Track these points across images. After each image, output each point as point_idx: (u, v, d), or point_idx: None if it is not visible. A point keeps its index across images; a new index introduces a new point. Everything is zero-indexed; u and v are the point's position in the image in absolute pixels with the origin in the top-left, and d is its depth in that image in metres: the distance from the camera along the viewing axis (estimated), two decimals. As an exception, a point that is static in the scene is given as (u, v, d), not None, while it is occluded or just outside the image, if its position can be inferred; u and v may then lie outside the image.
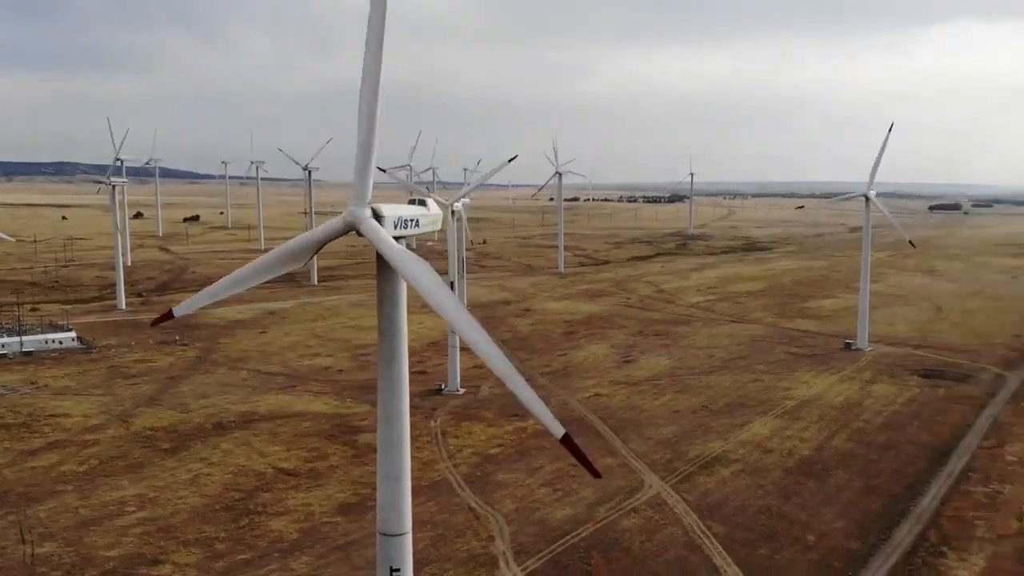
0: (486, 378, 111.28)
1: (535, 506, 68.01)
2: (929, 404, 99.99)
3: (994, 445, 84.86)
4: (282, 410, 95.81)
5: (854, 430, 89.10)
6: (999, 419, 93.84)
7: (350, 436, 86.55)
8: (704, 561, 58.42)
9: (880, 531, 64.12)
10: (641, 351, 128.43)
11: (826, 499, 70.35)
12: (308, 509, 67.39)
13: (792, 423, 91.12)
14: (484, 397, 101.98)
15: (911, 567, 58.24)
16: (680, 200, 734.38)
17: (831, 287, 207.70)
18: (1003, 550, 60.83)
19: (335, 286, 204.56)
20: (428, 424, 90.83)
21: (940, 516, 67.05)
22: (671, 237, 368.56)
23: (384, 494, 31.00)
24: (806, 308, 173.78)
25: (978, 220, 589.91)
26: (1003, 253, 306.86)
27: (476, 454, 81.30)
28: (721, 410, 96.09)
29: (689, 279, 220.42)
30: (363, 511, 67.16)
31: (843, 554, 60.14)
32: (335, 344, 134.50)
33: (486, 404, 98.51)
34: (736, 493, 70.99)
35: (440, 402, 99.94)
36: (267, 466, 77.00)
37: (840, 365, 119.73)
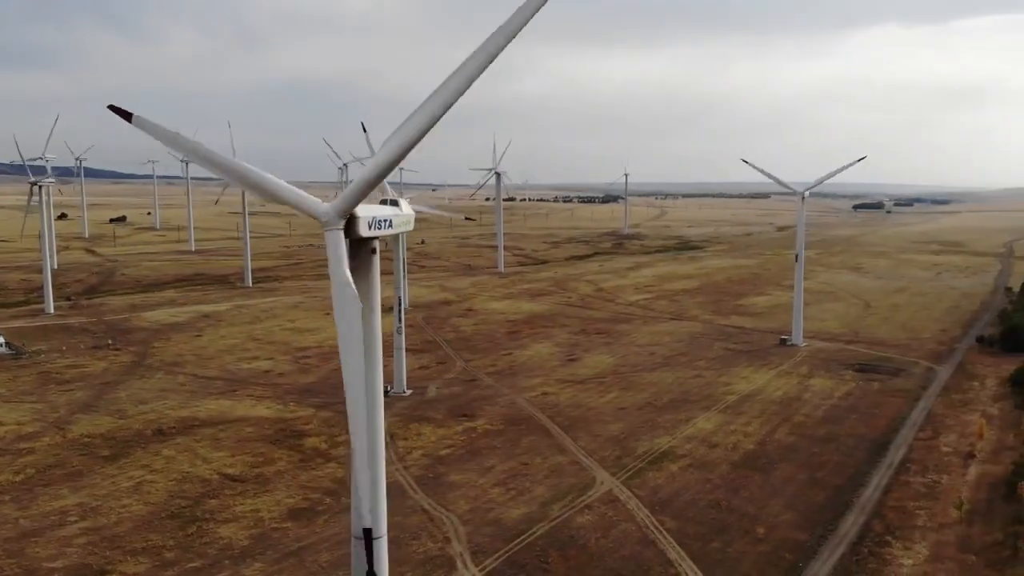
0: (433, 379, 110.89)
1: (489, 506, 67.87)
2: (865, 398, 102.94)
3: (929, 437, 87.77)
4: (223, 415, 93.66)
5: (795, 424, 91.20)
6: (932, 411, 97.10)
7: (295, 441, 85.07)
8: (659, 556, 59.09)
9: (826, 522, 65.75)
10: (585, 349, 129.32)
11: (772, 492, 71.84)
12: (257, 515, 66.02)
13: (735, 418, 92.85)
14: (432, 398, 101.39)
15: (858, 557, 59.84)
16: (614, 200, 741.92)
17: (763, 285, 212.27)
18: (945, 538, 62.97)
19: (270, 287, 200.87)
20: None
21: (883, 507, 69.06)
22: (607, 237, 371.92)
23: (360, 499, 30.47)
24: (740, 305, 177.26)
25: (900, 218, 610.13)
26: (925, 250, 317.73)
27: (427, 456, 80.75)
28: (666, 406, 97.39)
29: (627, 278, 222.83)
30: (314, 516, 66.21)
31: (792, 545, 61.50)
32: (274, 347, 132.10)
33: (434, 405, 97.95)
34: (685, 488, 72.02)
35: (387, 404, 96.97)
36: (212, 472, 75.19)
37: (777, 360, 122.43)
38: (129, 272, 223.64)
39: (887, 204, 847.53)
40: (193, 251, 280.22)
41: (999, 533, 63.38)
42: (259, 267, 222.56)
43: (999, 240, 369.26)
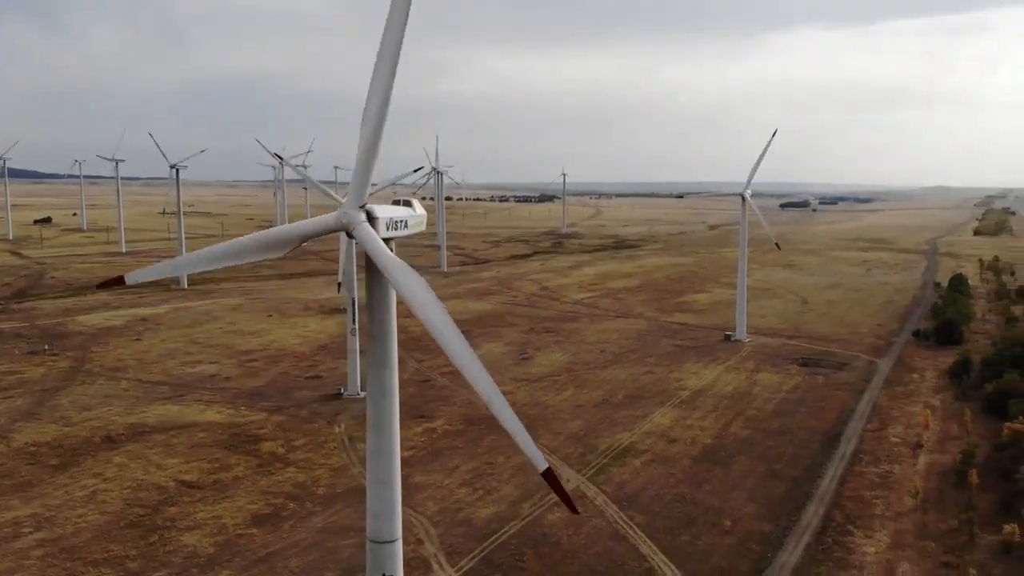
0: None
1: (458, 506, 67.54)
2: (812, 391, 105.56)
3: (878, 428, 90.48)
4: (173, 421, 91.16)
5: (748, 417, 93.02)
6: (878, 403, 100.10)
7: (251, 446, 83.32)
8: (631, 550, 59.64)
9: (789, 513, 67.24)
10: (536, 348, 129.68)
11: (734, 485, 73.15)
12: (220, 522, 64.47)
13: (690, 413, 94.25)
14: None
15: (823, 546, 61.37)
16: (550, 200, 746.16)
17: (701, 282, 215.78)
18: (903, 526, 65.00)
19: (207, 290, 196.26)
20: (333, 430, 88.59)
21: (841, 497, 70.96)
22: (546, 236, 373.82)
23: (375, 500, 30.06)
24: (682, 302, 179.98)
25: (826, 216, 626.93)
26: (853, 247, 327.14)
27: (387, 457, 79.82)
28: (622, 403, 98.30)
29: (570, 276, 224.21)
30: (279, 522, 64.98)
31: (759, 537, 62.72)
32: (217, 350, 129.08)
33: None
34: (650, 483, 72.82)
35: (342, 406, 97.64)
36: (168, 479, 73.13)
37: (724, 356, 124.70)
38: (59, 275, 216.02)
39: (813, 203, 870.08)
40: (124, 253, 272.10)
41: (954, 520, 65.65)
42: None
43: (922, 237, 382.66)
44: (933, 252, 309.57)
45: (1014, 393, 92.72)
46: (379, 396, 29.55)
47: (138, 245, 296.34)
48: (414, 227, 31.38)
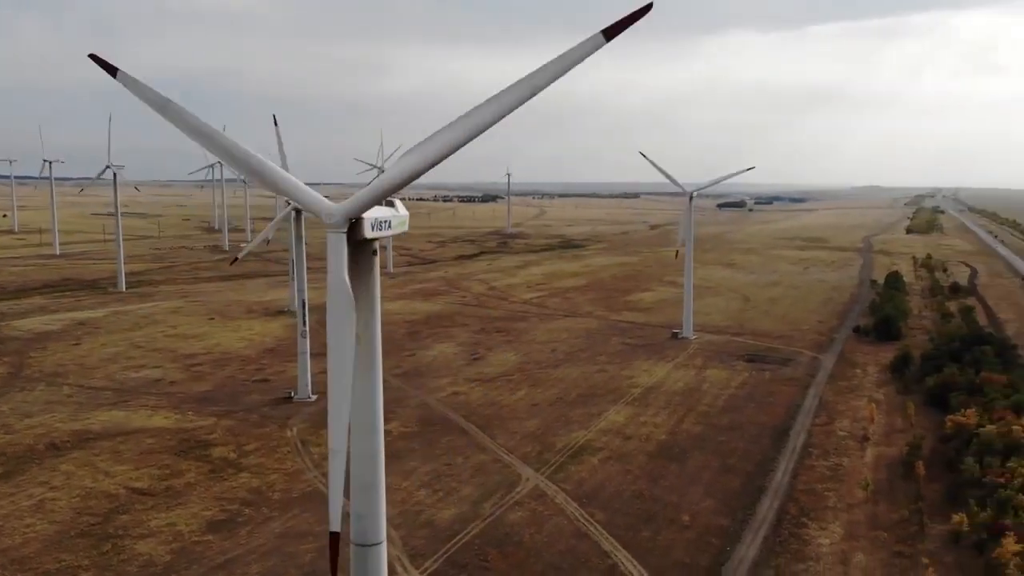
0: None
1: (419, 508, 67.14)
2: (759, 387, 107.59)
3: (825, 422, 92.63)
4: (119, 427, 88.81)
5: (700, 413, 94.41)
6: (823, 398, 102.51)
7: (201, 451, 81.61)
8: (593, 547, 60.04)
9: (744, 507, 68.43)
10: (488, 348, 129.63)
11: (690, 480, 74.19)
12: (175, 529, 63.03)
13: (643, 410, 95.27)
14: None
15: (780, 539, 62.61)
16: (493, 200, 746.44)
17: (646, 281, 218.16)
18: (856, 518, 66.68)
19: (146, 292, 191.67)
20: (285, 434, 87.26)
21: (794, 490, 72.48)
22: (491, 236, 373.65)
23: (359, 503, 29.72)
24: (629, 301, 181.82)
25: (762, 216, 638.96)
26: (790, 246, 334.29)
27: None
28: (576, 401, 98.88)
29: (517, 276, 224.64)
30: (236, 527, 63.78)
31: (717, 531, 63.71)
32: (160, 354, 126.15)
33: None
34: (608, 480, 73.40)
35: (293, 410, 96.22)
36: (118, 487, 71.20)
37: (672, 353, 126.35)
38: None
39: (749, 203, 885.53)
40: (58, 255, 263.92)
41: (904, 510, 67.61)
42: (131, 271, 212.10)
43: (857, 236, 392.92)
44: (868, 250, 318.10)
45: (954, 386, 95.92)
46: (363, 399, 29.14)
47: (72, 247, 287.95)
48: (397, 227, 31.07)
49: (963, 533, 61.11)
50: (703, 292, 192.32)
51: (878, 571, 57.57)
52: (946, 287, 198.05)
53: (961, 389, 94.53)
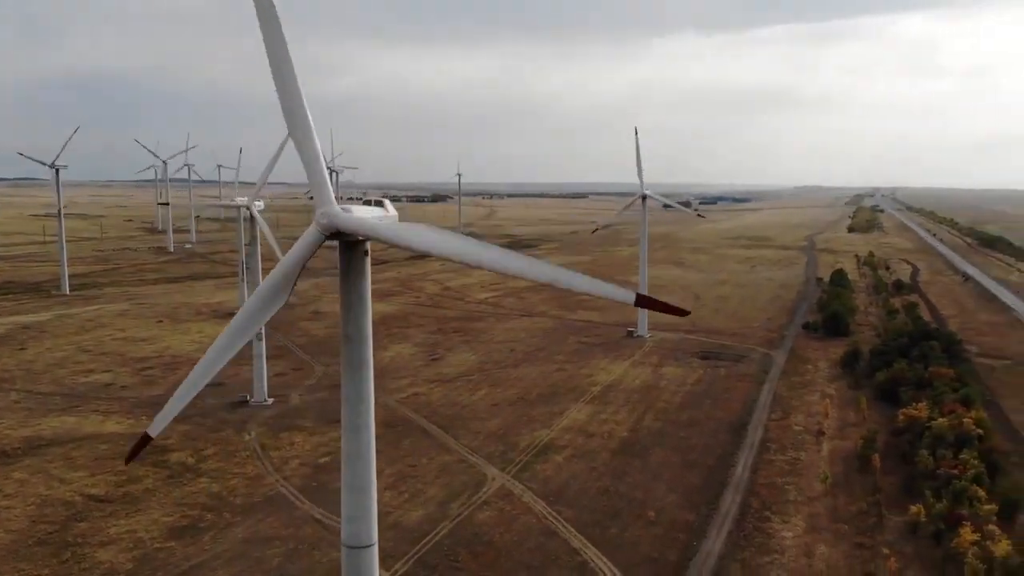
0: (293, 386, 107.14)
1: (386, 510, 66.51)
2: (715, 383, 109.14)
3: (781, 417, 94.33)
4: (70, 433, 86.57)
5: (659, 410, 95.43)
6: (778, 393, 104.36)
7: (158, 456, 79.88)
8: (563, 545, 60.34)
9: (708, 502, 69.38)
10: (446, 348, 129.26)
11: (653, 476, 74.95)
12: (135, 536, 61.69)
13: (604, 407, 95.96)
14: (297, 406, 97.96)
15: (744, 532, 63.62)
16: (443, 200, 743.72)
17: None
18: (816, 510, 68.05)
19: (91, 295, 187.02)
20: (242, 438, 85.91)
21: (755, 484, 73.69)
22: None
23: (350, 505, 29.38)
24: (583, 300, 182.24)
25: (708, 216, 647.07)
26: (736, 245, 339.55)
27: (305, 465, 78.21)
28: (536, 400, 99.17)
29: (471, 276, 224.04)
30: (198, 533, 62.66)
31: (683, 526, 64.49)
32: (109, 358, 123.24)
33: (301, 413, 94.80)
34: (574, 477, 73.78)
35: (250, 414, 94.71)
36: (74, 494, 69.41)
37: (629, 351, 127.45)
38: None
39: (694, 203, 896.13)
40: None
41: (863, 503, 69.22)
42: (74, 273, 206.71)
43: (800, 235, 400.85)
44: (811, 248, 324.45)
45: (904, 381, 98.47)
46: (355, 399, 28.95)
47: (13, 249, 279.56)
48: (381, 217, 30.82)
49: (921, 524, 62.79)
50: (655, 291, 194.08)
51: (841, 563, 58.84)
52: (889, 284, 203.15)
53: (911, 383, 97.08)
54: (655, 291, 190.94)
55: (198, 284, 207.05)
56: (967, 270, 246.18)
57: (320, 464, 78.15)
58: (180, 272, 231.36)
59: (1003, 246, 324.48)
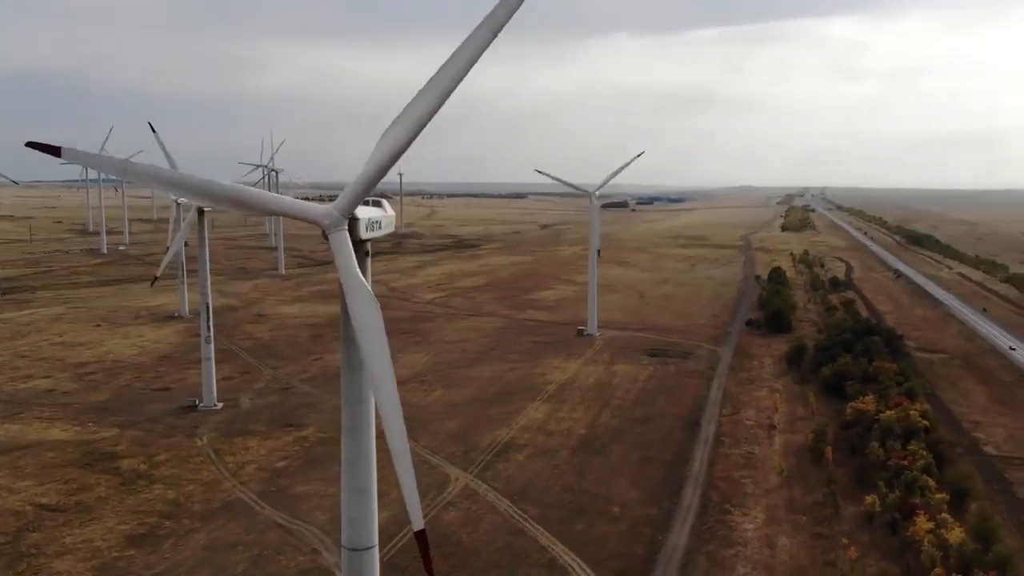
0: (242, 390, 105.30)
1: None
2: (666, 380, 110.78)
3: (732, 412, 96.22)
4: (14, 441, 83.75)
5: (614, 407, 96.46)
6: (727, 389, 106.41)
7: (109, 463, 77.89)
8: (531, 543, 60.61)
9: (669, 496, 70.45)
10: (397, 350, 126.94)
11: (614, 472, 75.78)
12: (93, 545, 60.01)
13: (560, 406, 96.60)
14: (247, 410, 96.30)
15: (707, 526, 64.76)
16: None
17: (545, 280, 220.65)
18: (774, 502, 69.63)
19: (23, 299, 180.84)
20: (195, 443, 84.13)
21: (713, 478, 75.05)
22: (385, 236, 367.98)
23: (351, 507, 29.12)
24: (531, 300, 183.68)
25: (644, 216, 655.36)
26: (675, 244, 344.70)
27: (262, 469, 76.98)
28: (493, 400, 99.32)
29: (416, 276, 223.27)
30: (158, 541, 61.23)
31: (647, 521, 65.35)
32: (48, 364, 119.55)
33: (253, 417, 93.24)
34: (536, 475, 74.15)
35: (200, 419, 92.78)
36: (23, 504, 67.15)
37: (580, 350, 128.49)
38: None
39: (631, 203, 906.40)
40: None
41: (818, 494, 71.08)
42: (4, 276, 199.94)
43: (736, 234, 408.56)
44: (748, 247, 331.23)
45: (849, 375, 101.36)
46: (355, 401, 28.75)
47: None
48: (386, 228, 30.72)
49: (876, 514, 64.75)
50: (601, 290, 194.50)
51: (802, 553, 60.34)
52: (826, 282, 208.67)
53: (856, 378, 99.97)
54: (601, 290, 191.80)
55: (134, 287, 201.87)
56: (899, 267, 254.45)
57: (277, 469, 77.01)
58: (115, 274, 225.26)
59: (931, 244, 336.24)
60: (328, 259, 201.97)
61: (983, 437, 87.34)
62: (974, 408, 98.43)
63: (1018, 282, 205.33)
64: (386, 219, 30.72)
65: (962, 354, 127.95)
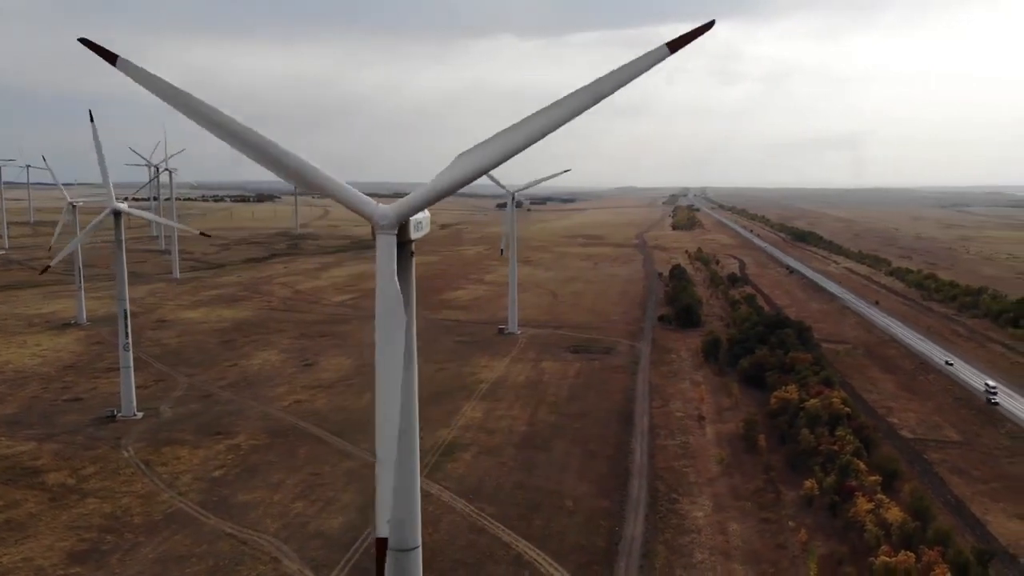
0: (161, 399, 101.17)
1: (302, 520, 64.68)
2: (593, 375, 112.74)
3: (661, 405, 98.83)
4: (-83, 460, 78.10)
5: (549, 404, 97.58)
6: (652, 383, 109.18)
7: (33, 479, 73.88)
8: (494, 540, 60.91)
9: (618, 488, 71.94)
10: (316, 353, 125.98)
11: (561, 467, 76.80)
12: (33, 564, 56.91)
13: (496, 404, 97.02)
14: (170, 419, 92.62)
15: (659, 515, 66.54)
16: (270, 199, 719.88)
17: (455, 280, 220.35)
18: (718, 490, 72.09)
19: None
20: (121, 454, 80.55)
21: (656, 469, 77.05)
22: (279, 237, 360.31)
23: (398, 508, 28.51)
24: (445, 299, 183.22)
25: (539, 216, 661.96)
26: (574, 244, 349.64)
27: (199, 479, 74.36)
28: (428, 400, 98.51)
29: (321, 278, 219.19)
30: (103, 556, 58.55)
31: (602, 513, 66.61)
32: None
33: (177, 426, 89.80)
34: (487, 474, 74.37)
35: (121, 429, 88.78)
36: (-55, 527, 62.80)
37: (505, 348, 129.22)
38: None
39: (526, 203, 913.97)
40: None
41: (758, 480, 73.96)
42: None
43: (630, 233, 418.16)
44: (644, 246, 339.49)
45: (768, 366, 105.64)
46: (402, 401, 28.23)
47: None
48: (426, 228, 30.45)
49: (815, 497, 67.93)
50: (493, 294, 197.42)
51: (754, 538, 62.80)
52: (724, 278, 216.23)
53: (774, 368, 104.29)
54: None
55: (23, 293, 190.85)
56: (789, 263, 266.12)
57: (215, 478, 74.54)
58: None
59: (815, 240, 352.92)
60: (221, 262, 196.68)
61: (897, 422, 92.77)
62: (884, 395, 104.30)
63: (902, 275, 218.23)
64: (426, 220, 30.48)
65: (863, 344, 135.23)
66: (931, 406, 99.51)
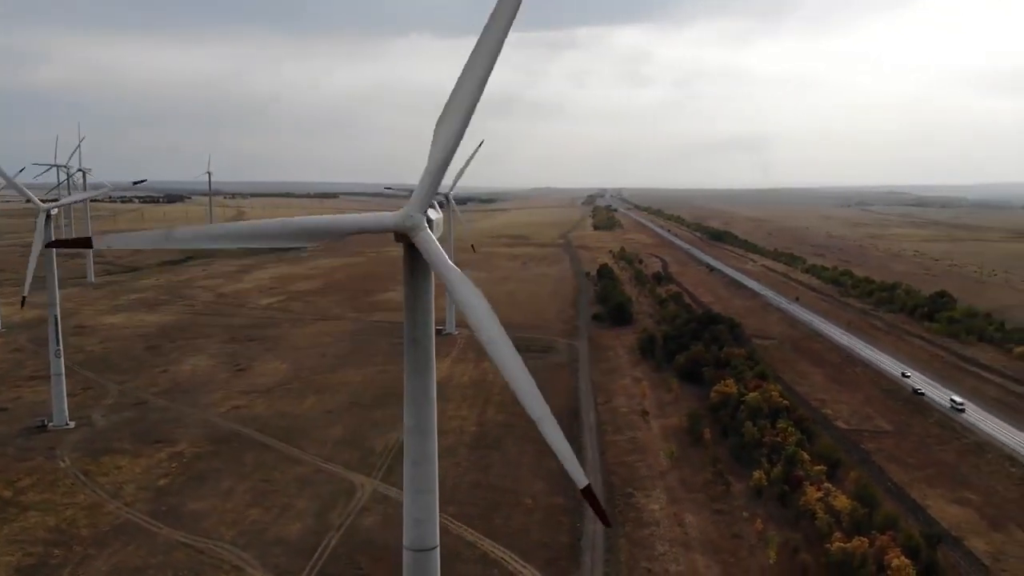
0: (92, 407, 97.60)
1: (259, 527, 63.43)
2: (536, 373, 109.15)
3: (605, 401, 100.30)
4: None
5: (497, 403, 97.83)
6: (594, 380, 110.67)
7: (-39, 493, 70.35)
8: (458, 539, 61.00)
9: (573, 485, 72.25)
10: (248, 358, 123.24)
11: (515, 466, 77.23)
12: (-22, 586, 54.24)
13: (444, 405, 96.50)
14: (104, 428, 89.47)
15: (618, 509, 67.64)
16: (180, 200, 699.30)
17: (382, 281, 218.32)
18: (670, 483, 73.66)
19: None
20: (58, 465, 77.54)
21: (608, 464, 78.26)
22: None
23: (415, 508, 28.57)
24: (375, 301, 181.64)
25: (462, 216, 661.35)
26: (499, 244, 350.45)
27: (144, 488, 72.14)
28: (372, 403, 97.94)
29: (244, 281, 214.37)
30: (52, 571, 56.58)
31: (560, 510, 67.34)
32: None
33: (113, 435, 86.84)
34: (443, 474, 72.14)
35: (54, 439, 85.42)
36: None
37: (445, 349, 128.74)
38: None
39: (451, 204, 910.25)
40: None
41: (707, 473, 75.82)
42: None
43: (554, 233, 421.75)
44: (569, 246, 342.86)
45: (704, 362, 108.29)
46: (422, 401, 28.19)
47: None
48: (440, 228, 30.33)
49: (764, 488, 70.10)
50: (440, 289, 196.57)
51: (710, 528, 64.46)
52: (649, 276, 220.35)
53: (710, 364, 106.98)
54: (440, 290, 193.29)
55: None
56: (709, 261, 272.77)
57: (161, 487, 72.41)
58: None
59: (731, 239, 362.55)
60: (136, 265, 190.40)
61: (831, 413, 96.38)
62: (815, 387, 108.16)
63: (818, 272, 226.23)
64: (440, 220, 30.48)
65: (789, 339, 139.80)
66: (861, 397, 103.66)
